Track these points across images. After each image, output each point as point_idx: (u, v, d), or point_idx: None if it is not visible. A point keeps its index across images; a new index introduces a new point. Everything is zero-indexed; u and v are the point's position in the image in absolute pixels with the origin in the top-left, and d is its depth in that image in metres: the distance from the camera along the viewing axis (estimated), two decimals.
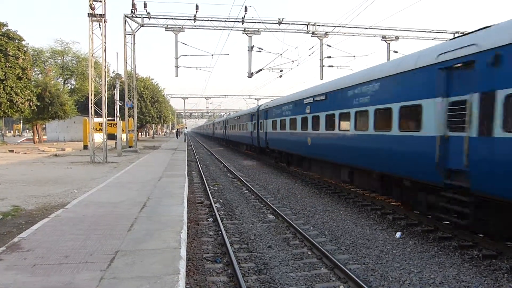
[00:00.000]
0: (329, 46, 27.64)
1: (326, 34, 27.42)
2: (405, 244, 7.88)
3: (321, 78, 29.10)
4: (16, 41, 29.26)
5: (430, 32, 28.92)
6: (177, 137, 70.54)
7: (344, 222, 9.63)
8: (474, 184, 6.01)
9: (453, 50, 6.60)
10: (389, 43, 28.78)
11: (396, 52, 28.74)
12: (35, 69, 39.85)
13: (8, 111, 28.52)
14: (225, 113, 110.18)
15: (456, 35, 29.55)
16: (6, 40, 28.27)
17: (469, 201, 6.40)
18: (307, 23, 27.16)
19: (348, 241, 8.12)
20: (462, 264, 6.73)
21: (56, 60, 45.40)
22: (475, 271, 6.40)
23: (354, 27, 27.66)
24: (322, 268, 6.56)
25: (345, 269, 6.16)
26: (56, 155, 22.93)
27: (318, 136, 13.09)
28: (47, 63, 44.41)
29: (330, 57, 28.10)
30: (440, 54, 6.89)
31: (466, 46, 6.30)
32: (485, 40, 6.00)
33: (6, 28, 29.29)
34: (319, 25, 27.48)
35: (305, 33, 27.33)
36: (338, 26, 27.14)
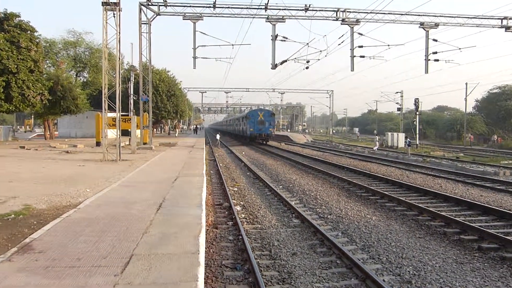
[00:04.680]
0: (361, 34, 27.24)
1: (357, 21, 27.01)
2: (445, 254, 7.68)
3: (352, 69, 28.75)
4: (29, 32, 30.10)
5: (474, 18, 28.04)
6: (195, 132, 71.13)
7: (377, 228, 9.48)
8: (249, 135, 44.13)
9: (245, 115, 47.73)
10: (427, 31, 28.10)
11: (436, 40, 28.02)
12: (47, 61, 40.98)
13: (20, 106, 29.44)
14: (246, 107, 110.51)
15: (504, 21, 28.53)
16: (19, 32, 29.13)
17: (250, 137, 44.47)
18: (336, 10, 26.83)
19: (381, 249, 7.99)
20: None
21: (68, 52, 46.51)
22: None
23: (389, 13, 27.16)
24: (353, 279, 6.47)
25: (378, 280, 6.05)
26: (67, 152, 23.54)
27: (247, 129, 45.02)
28: (59, 55, 45.55)
29: (362, 46, 27.69)
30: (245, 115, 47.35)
31: (245, 115, 47.04)
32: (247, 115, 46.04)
33: (19, 19, 30.17)
34: (350, 12, 27.10)
35: (334, 20, 27.01)
36: (371, 13, 26.69)
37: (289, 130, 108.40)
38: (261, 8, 25.78)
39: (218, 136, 43.85)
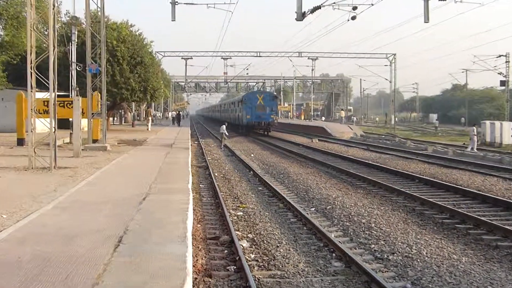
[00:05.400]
0: None
1: None
2: None
3: (426, 20, 28.57)
4: None
5: None
6: (178, 123, 70.80)
7: (469, 275, 9.42)
8: (246, 124, 58.12)
9: (241, 98, 63.77)
10: None
11: None
12: None
13: None
14: (257, 82, 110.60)
15: None
16: None
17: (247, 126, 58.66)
18: None
19: None
20: None
21: None
22: None
23: None
24: None
25: None
26: None
27: (241, 115, 60.59)
28: None
29: None
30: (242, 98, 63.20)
31: (241, 98, 64.00)
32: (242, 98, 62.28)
33: None
34: None
35: None
36: None
37: (323, 118, 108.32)
38: None
39: (223, 128, 41.32)
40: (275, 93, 69.66)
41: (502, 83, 54.43)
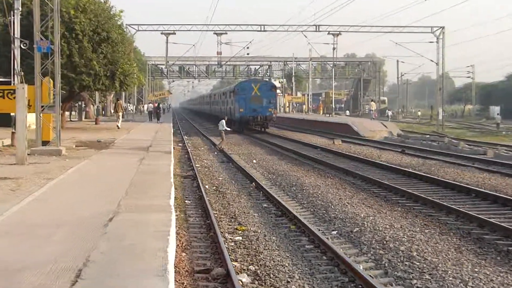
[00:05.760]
0: None
1: None
2: None
3: None
4: None
5: None
6: (156, 119, 70.98)
7: None
8: (238, 118, 66.09)
9: (233, 88, 74.62)
10: None
11: None
12: None
13: None
14: (260, 65, 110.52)
15: None
16: None
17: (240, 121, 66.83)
18: None
19: None
20: None
21: None
22: None
23: None
24: None
25: None
26: None
27: (231, 108, 71.26)
28: None
29: None
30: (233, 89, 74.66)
31: (233, 88, 75.05)
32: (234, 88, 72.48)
33: None
34: None
35: None
36: None
37: (347, 113, 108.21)
38: None
39: (223, 124, 42.29)
40: (274, 82, 76.34)
41: None
